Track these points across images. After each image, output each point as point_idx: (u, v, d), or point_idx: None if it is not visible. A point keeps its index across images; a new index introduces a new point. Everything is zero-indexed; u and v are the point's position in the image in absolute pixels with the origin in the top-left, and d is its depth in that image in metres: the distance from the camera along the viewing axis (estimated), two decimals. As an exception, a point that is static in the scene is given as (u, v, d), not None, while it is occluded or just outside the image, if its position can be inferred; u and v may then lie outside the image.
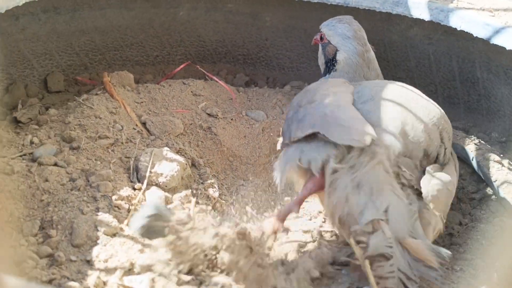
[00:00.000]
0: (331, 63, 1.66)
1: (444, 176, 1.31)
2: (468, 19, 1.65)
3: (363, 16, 1.85)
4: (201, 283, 1.19)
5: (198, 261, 1.21)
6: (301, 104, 1.44)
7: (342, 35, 1.63)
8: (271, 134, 1.79)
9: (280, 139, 1.68)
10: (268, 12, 2.02)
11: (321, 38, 1.70)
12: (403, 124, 1.32)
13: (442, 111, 1.46)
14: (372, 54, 1.65)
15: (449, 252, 1.18)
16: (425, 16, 1.72)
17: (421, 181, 1.27)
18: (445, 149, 1.38)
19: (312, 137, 1.31)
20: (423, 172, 1.31)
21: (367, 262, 1.15)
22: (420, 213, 1.25)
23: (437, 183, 1.28)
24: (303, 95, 1.49)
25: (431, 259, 1.14)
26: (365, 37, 1.65)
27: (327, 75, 1.67)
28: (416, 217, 1.23)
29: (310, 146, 1.30)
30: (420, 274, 1.15)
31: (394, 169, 1.26)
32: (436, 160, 1.36)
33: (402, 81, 1.95)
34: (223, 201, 1.60)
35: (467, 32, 1.65)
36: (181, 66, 2.06)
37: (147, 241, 1.26)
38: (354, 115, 1.32)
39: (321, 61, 1.72)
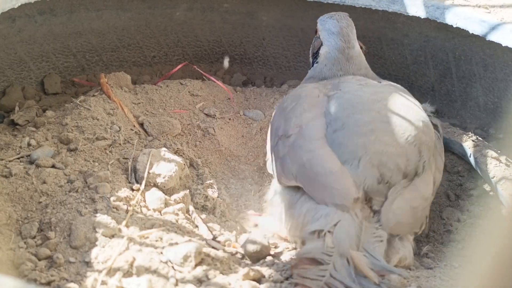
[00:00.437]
0: (315, 56, 1.71)
1: (407, 194, 1.30)
2: (464, 16, 1.66)
3: (359, 14, 1.85)
4: (201, 283, 1.19)
5: None
6: (279, 128, 1.47)
7: (328, 31, 1.66)
8: (269, 133, 1.79)
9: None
10: (265, 11, 2.02)
11: (316, 31, 1.74)
12: (378, 154, 1.32)
13: (422, 118, 1.43)
14: (355, 51, 1.64)
15: (401, 274, 1.16)
16: (421, 13, 1.72)
17: (381, 210, 1.27)
18: (424, 162, 1.36)
19: None
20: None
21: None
22: (390, 240, 1.26)
23: (397, 208, 1.27)
24: (280, 114, 1.52)
25: (369, 274, 1.12)
26: (351, 34, 1.65)
27: (311, 67, 1.72)
28: (379, 240, 1.23)
29: None
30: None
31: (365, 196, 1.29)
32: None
33: (399, 79, 1.96)
34: (222, 201, 1.60)
35: (463, 29, 1.65)
36: (179, 67, 2.06)
37: (146, 242, 1.26)
38: (332, 168, 1.31)
39: (310, 52, 1.77)
